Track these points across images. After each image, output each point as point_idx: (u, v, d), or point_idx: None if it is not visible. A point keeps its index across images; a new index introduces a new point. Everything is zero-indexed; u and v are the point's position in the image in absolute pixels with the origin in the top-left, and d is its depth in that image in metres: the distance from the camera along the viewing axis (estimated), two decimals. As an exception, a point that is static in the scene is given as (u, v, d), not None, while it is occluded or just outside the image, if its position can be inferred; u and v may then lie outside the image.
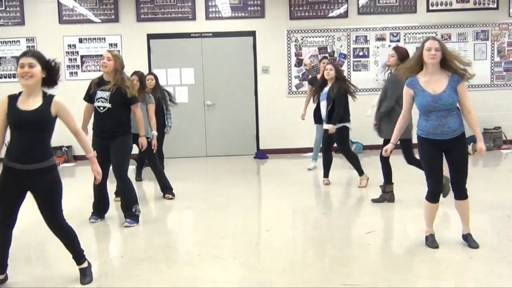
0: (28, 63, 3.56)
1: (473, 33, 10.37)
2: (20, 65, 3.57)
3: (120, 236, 5.24)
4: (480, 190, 6.74)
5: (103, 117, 5.43)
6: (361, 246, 4.63)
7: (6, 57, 10.16)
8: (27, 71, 3.55)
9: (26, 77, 3.56)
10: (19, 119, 3.57)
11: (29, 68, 3.55)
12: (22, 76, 3.56)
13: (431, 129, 4.32)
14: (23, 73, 3.55)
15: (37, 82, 3.62)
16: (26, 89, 3.62)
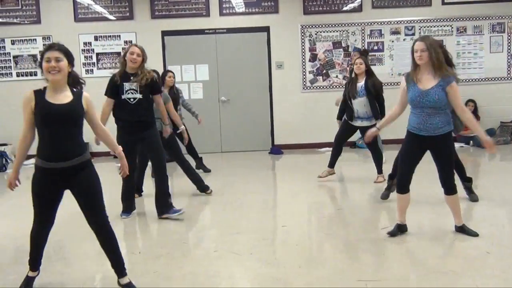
0: (55, 57, 3.40)
1: (489, 25, 10.27)
2: (46, 59, 3.41)
3: (136, 233, 5.29)
4: (497, 184, 6.71)
5: (133, 108, 5.51)
6: (376, 241, 4.63)
7: (23, 55, 10.27)
8: (54, 66, 3.39)
9: (53, 71, 3.40)
10: (52, 113, 3.41)
11: (56, 62, 3.40)
12: (49, 71, 3.40)
13: (416, 124, 4.49)
14: (50, 68, 3.39)
15: (64, 76, 3.48)
16: (53, 84, 3.46)
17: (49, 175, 3.54)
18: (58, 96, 3.46)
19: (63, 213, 5.98)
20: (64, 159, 3.48)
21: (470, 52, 10.32)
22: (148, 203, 6.48)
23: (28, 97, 3.45)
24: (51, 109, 3.41)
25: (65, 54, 3.47)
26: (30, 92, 3.47)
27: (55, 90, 3.47)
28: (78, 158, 3.51)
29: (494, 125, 10.18)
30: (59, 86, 3.47)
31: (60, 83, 3.47)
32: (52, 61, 3.39)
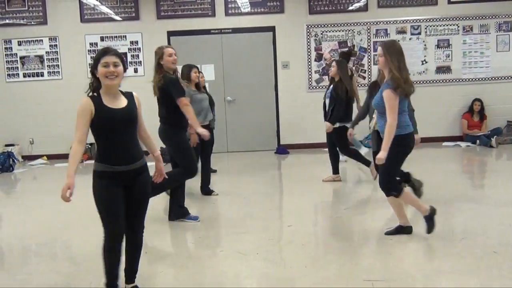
0: (113, 62, 3.35)
1: (496, 24, 10.22)
2: (104, 64, 3.33)
3: (144, 233, 5.29)
4: (504, 183, 6.69)
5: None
6: (382, 241, 4.62)
7: (30, 56, 10.31)
8: (113, 71, 3.34)
9: (111, 76, 3.34)
10: (116, 118, 3.36)
11: (114, 68, 3.34)
12: (107, 76, 3.33)
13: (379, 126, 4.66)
14: (108, 73, 3.33)
15: (120, 81, 3.45)
16: (108, 89, 3.39)
17: (113, 179, 3.42)
18: (115, 101, 3.42)
19: (70, 214, 6.04)
20: (128, 162, 3.42)
21: (477, 51, 10.28)
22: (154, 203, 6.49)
23: (86, 104, 3.39)
24: (114, 114, 3.36)
25: (121, 59, 3.43)
26: (86, 100, 3.41)
27: (110, 94, 3.42)
28: (140, 162, 3.48)
29: (500, 124, 10.14)
30: (114, 90, 3.44)
31: (115, 88, 3.44)
32: (111, 66, 3.33)
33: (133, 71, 10.29)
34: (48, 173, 9.12)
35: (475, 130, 10.01)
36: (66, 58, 10.28)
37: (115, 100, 3.42)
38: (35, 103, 10.32)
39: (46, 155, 10.30)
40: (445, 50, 10.27)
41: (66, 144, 10.17)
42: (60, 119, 10.33)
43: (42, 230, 5.47)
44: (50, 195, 7.23)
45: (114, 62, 3.35)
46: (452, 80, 10.31)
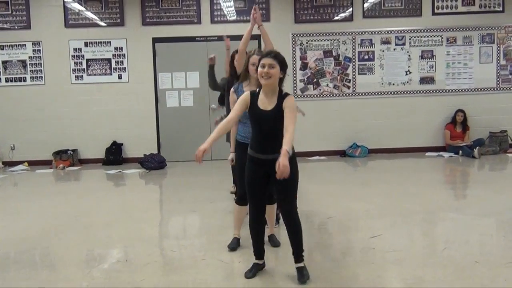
0: (269, 63, 3.77)
1: (479, 36, 10.34)
2: (261, 65, 3.79)
3: (124, 240, 5.24)
4: (486, 194, 6.73)
5: None
6: (366, 250, 4.61)
7: (13, 60, 10.20)
8: (267, 72, 3.76)
9: (265, 77, 3.77)
10: (261, 118, 3.84)
11: (269, 69, 3.76)
12: (262, 76, 3.78)
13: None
14: (262, 73, 3.77)
15: (274, 82, 3.84)
16: (264, 88, 3.85)
17: (257, 165, 3.92)
18: (267, 101, 3.87)
19: (50, 221, 5.96)
20: (268, 152, 3.84)
21: (460, 63, 10.38)
22: (134, 213, 6.46)
23: (246, 98, 3.92)
24: (260, 115, 3.85)
25: (280, 62, 3.83)
26: (247, 94, 3.93)
27: (266, 94, 3.88)
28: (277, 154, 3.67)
29: (483, 135, 10.24)
30: (269, 90, 3.87)
31: (270, 88, 3.85)
32: (266, 67, 3.77)
33: (118, 77, 10.23)
34: (29, 180, 9.00)
35: (458, 140, 10.09)
36: (49, 63, 10.18)
37: (268, 101, 3.88)
38: (17, 108, 10.20)
39: (27, 161, 10.17)
40: (429, 61, 10.36)
41: (48, 150, 10.14)
42: (42, 125, 10.23)
43: (21, 237, 5.38)
44: (31, 201, 7.16)
45: (270, 64, 3.79)
46: (435, 90, 10.39)
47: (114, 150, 10.16)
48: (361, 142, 10.31)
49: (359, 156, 10.10)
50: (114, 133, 10.29)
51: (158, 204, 7.35)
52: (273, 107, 3.84)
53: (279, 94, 3.90)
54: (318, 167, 9.35)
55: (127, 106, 10.28)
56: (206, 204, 6.59)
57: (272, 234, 4.92)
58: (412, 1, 10.25)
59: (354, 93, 10.36)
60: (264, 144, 3.89)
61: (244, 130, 4.68)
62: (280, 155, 3.53)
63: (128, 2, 10.13)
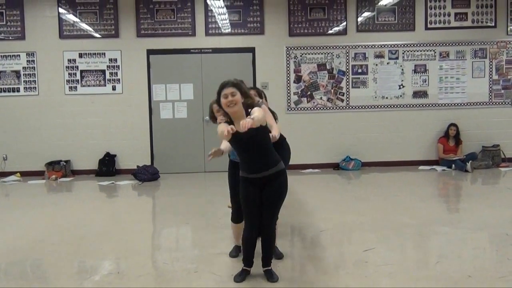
0: (230, 92, 3.99)
1: (472, 51, 10.42)
2: (223, 95, 4.01)
3: (116, 252, 5.21)
4: (479, 208, 6.74)
5: None
6: (359, 263, 4.60)
7: (6, 71, 10.17)
8: (231, 100, 3.98)
9: (231, 105, 3.99)
10: (241, 140, 3.96)
11: (231, 97, 3.98)
12: (228, 105, 4.00)
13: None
14: (227, 103, 3.99)
15: (240, 107, 4.03)
16: (233, 116, 4.05)
17: (252, 184, 4.12)
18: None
19: (41, 232, 5.92)
20: (263, 170, 4.08)
21: (453, 77, 10.45)
22: (126, 224, 6.42)
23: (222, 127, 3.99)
24: (241, 138, 3.93)
25: (238, 88, 4.04)
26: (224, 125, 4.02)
27: (238, 120, 3.95)
28: (272, 169, 4.10)
29: (476, 149, 10.28)
30: (238, 116, 4.01)
31: (238, 113, 4.02)
32: (229, 97, 3.98)
33: (111, 89, 10.22)
34: (21, 190, 8.94)
35: (451, 154, 10.13)
36: (43, 74, 10.17)
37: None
38: (10, 118, 10.16)
39: (20, 172, 10.12)
40: (422, 75, 10.42)
41: (40, 161, 10.09)
42: (35, 135, 10.19)
43: (12, 248, 5.34)
44: (22, 212, 7.11)
45: (232, 92, 3.99)
46: (428, 104, 10.45)
47: (107, 161, 10.12)
48: (354, 155, 10.32)
49: (352, 169, 10.11)
50: (107, 144, 10.26)
51: (151, 216, 7.32)
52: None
53: (247, 114, 4.02)
54: (311, 179, 9.35)
55: (121, 118, 10.27)
56: (199, 216, 6.57)
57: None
58: (405, 16, 10.33)
59: (347, 106, 10.39)
60: (256, 164, 4.07)
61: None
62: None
63: (123, 14, 10.16)
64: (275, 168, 4.12)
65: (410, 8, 10.32)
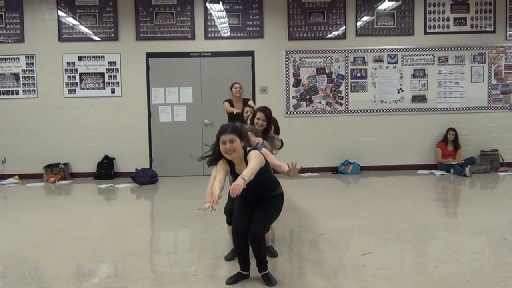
0: (229, 139, 4.05)
1: (470, 55, 10.45)
2: (222, 142, 4.08)
3: (114, 255, 5.20)
4: (478, 212, 6.74)
5: None
6: (357, 267, 4.60)
7: (5, 73, 10.17)
8: (230, 147, 4.06)
9: (229, 152, 4.07)
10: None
11: (230, 144, 4.05)
12: (226, 152, 4.08)
13: None
14: (226, 150, 4.07)
15: (239, 153, 4.12)
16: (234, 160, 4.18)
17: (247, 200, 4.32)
18: (241, 167, 4.11)
19: (39, 235, 5.91)
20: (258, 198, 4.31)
21: (452, 82, 10.47)
22: (124, 227, 6.41)
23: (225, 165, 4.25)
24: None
25: (237, 133, 4.09)
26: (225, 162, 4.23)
27: (237, 163, 4.18)
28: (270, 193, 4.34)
29: (474, 154, 10.29)
30: (238, 159, 4.16)
31: (238, 158, 4.14)
32: (227, 143, 4.04)
33: (111, 92, 10.23)
34: (19, 193, 8.93)
35: (449, 159, 10.14)
36: (42, 77, 10.18)
37: (240, 167, 4.13)
38: (9, 121, 10.17)
39: (18, 175, 10.12)
40: (421, 80, 10.44)
41: (39, 164, 10.08)
42: (33, 138, 10.19)
43: (10, 251, 5.33)
44: (20, 215, 7.10)
45: (230, 139, 4.05)
46: (427, 109, 10.46)
47: (106, 164, 10.12)
48: (353, 159, 10.33)
49: (351, 173, 10.12)
50: (106, 147, 10.26)
51: (149, 219, 7.31)
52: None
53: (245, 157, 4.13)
54: (310, 183, 9.35)
55: (120, 121, 10.27)
56: (198, 219, 6.56)
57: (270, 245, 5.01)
58: (404, 20, 10.36)
59: (346, 110, 10.40)
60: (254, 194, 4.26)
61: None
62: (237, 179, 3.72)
63: (122, 17, 10.17)
64: (273, 192, 4.33)
65: (409, 13, 10.35)
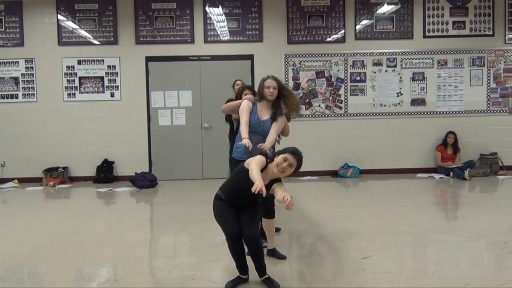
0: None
1: (469, 59, 10.46)
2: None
3: (113, 259, 5.19)
4: (477, 216, 6.74)
5: None
6: (357, 271, 4.59)
7: (5, 77, 10.18)
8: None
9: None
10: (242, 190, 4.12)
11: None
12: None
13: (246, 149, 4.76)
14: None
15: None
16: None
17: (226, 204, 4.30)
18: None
19: (38, 239, 5.90)
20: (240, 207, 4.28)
21: (451, 85, 10.48)
22: (124, 231, 6.41)
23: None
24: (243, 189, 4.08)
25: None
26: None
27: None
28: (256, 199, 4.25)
29: (474, 157, 10.29)
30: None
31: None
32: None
33: (110, 95, 10.23)
34: (18, 197, 8.93)
35: (449, 162, 10.14)
36: (42, 81, 10.18)
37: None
38: (8, 125, 10.16)
39: (17, 179, 10.11)
40: (420, 83, 10.45)
41: (38, 168, 10.08)
42: (33, 142, 10.19)
43: (9, 255, 5.32)
44: (19, 219, 7.10)
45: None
46: (426, 112, 10.47)
47: (105, 168, 10.11)
48: (352, 162, 10.33)
49: (351, 177, 10.12)
50: (105, 151, 10.26)
51: (149, 222, 7.31)
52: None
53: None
54: (309, 187, 9.35)
55: (119, 124, 10.27)
56: (197, 223, 6.55)
57: (274, 248, 5.04)
58: (403, 24, 10.37)
59: (346, 113, 10.41)
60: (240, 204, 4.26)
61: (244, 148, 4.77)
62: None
63: (121, 20, 10.18)
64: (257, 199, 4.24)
65: (408, 16, 10.36)
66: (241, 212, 4.22)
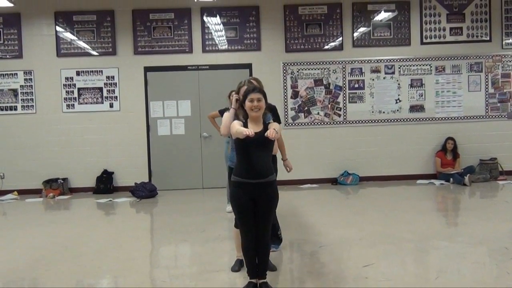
0: (257, 98, 4.15)
1: (467, 65, 10.48)
2: (249, 99, 4.15)
3: (114, 270, 5.18)
4: (478, 222, 6.73)
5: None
6: (359, 279, 4.58)
7: (4, 89, 10.18)
8: (256, 105, 4.15)
9: (255, 109, 4.15)
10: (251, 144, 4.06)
11: (257, 102, 4.15)
12: (252, 109, 4.16)
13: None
14: (253, 107, 4.15)
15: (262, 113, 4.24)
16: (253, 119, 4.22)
17: (243, 189, 4.15)
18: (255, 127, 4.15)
19: (39, 251, 5.89)
20: (256, 178, 4.14)
21: (449, 91, 10.49)
22: (124, 242, 6.39)
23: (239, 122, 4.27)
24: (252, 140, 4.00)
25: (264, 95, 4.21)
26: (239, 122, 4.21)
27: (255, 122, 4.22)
28: (267, 178, 4.17)
29: (473, 163, 10.29)
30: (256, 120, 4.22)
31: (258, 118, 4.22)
32: (255, 101, 4.14)
33: (109, 106, 10.23)
34: (18, 209, 8.91)
35: (449, 168, 10.14)
36: (40, 92, 10.19)
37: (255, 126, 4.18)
38: (7, 137, 10.16)
39: (17, 190, 10.09)
40: (419, 89, 10.47)
41: (38, 179, 10.06)
42: (32, 153, 10.18)
43: (10, 267, 5.31)
44: (19, 231, 7.08)
45: (258, 98, 4.15)
46: (425, 118, 10.48)
47: (105, 179, 10.10)
48: (352, 170, 10.33)
49: (351, 184, 10.11)
50: (105, 161, 10.26)
51: (149, 233, 7.29)
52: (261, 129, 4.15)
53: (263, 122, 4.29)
54: (309, 195, 9.34)
55: (118, 135, 10.27)
56: (197, 233, 6.54)
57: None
58: (401, 31, 10.40)
59: (345, 121, 10.42)
60: (254, 169, 4.12)
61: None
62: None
63: (120, 31, 10.21)
64: (269, 178, 4.18)
65: (406, 23, 10.40)
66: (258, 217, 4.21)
